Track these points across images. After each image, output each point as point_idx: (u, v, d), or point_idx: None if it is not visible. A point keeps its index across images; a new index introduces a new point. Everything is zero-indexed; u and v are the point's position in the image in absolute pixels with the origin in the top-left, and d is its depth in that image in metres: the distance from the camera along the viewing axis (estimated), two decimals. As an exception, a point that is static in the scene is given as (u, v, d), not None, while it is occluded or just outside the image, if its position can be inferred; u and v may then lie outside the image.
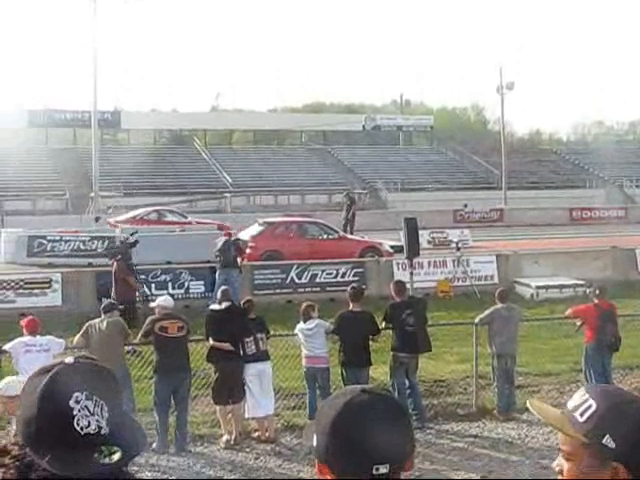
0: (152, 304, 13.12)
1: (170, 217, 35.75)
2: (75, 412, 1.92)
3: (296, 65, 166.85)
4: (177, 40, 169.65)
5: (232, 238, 22.31)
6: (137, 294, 19.01)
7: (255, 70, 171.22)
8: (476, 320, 13.81)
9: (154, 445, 11.61)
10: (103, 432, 1.95)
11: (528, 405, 2.37)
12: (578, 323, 13.99)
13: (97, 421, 1.94)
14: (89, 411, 1.93)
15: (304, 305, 13.15)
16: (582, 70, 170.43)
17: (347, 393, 2.18)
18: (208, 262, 22.25)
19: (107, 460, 1.93)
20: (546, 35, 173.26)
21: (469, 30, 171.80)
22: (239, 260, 22.03)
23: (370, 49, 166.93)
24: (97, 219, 36.88)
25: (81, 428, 1.92)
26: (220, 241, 21.86)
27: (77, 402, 1.93)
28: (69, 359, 2.04)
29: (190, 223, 34.55)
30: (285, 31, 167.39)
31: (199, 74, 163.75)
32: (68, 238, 28.40)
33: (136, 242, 20.44)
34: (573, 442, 2.21)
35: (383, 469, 2.08)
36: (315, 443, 2.14)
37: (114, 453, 1.94)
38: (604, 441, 2.15)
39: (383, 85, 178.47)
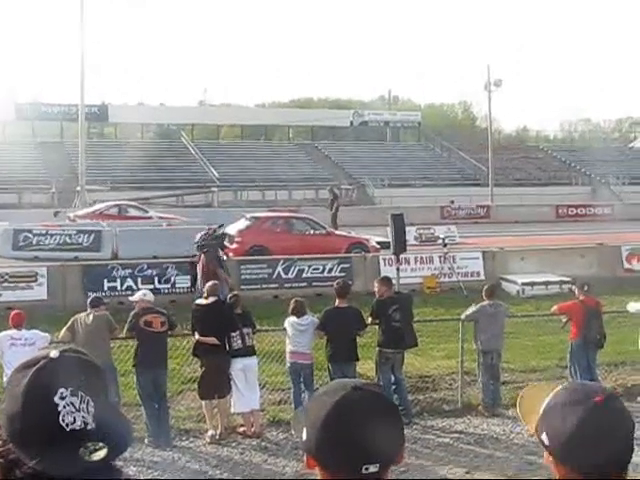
0: (131, 298, 13.10)
1: (132, 212, 35.26)
2: (60, 408, 1.90)
3: (284, 60, 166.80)
4: (165, 34, 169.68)
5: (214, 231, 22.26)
6: (227, 285, 18.88)
7: (243, 65, 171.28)
8: (462, 316, 13.81)
9: (146, 440, 11.61)
10: (89, 428, 1.92)
11: (517, 404, 2.39)
12: (564, 320, 14.04)
13: (83, 417, 1.92)
14: (75, 407, 1.91)
15: (296, 300, 13.12)
16: (569, 68, 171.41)
17: (339, 389, 2.15)
18: (194, 256, 22.20)
19: (93, 457, 1.90)
20: (534, 33, 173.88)
21: (458, 27, 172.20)
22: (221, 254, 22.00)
23: (358, 44, 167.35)
24: (56, 213, 36.68)
25: (66, 424, 1.89)
26: (200, 234, 21.86)
27: (62, 398, 1.90)
28: (54, 352, 2.01)
29: (151, 218, 34.31)
30: (273, 26, 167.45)
31: (187, 68, 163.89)
32: (54, 232, 28.28)
33: (224, 235, 20.53)
34: None
35: (373, 468, 2.06)
36: (305, 436, 2.13)
37: (100, 449, 1.91)
38: (542, 437, 2.24)
39: (371, 81, 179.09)
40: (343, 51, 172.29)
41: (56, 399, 1.90)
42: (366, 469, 2.05)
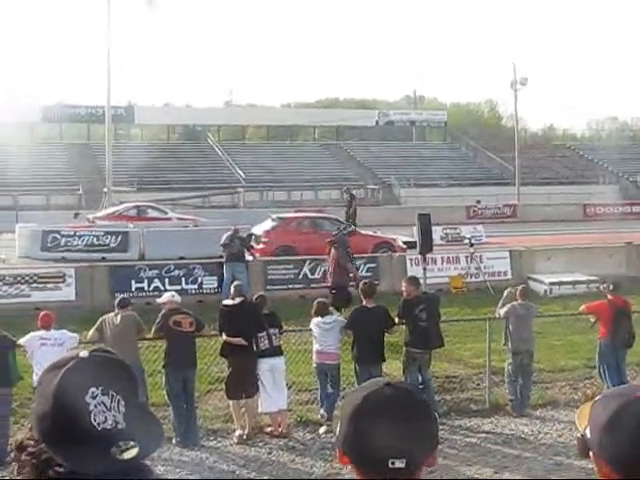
0: (159, 300, 13.16)
1: (151, 213, 35.41)
2: (91, 407, 1.91)
3: (309, 60, 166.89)
4: (191, 35, 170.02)
5: (237, 232, 22.40)
6: (351, 278, 19.25)
7: (268, 65, 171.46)
8: (500, 312, 13.69)
9: (174, 440, 11.68)
10: (120, 427, 1.93)
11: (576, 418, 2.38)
12: (592, 319, 13.95)
13: (114, 416, 1.93)
14: (106, 406, 1.92)
15: (318, 301, 13.14)
16: (596, 65, 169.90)
17: (372, 385, 2.19)
18: (221, 257, 22.28)
19: (124, 455, 1.92)
20: (560, 30, 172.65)
21: (483, 25, 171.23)
22: (246, 254, 22.15)
23: (384, 44, 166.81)
24: (76, 215, 36.89)
25: (98, 424, 1.91)
26: (225, 235, 21.98)
27: (93, 397, 1.92)
28: (84, 353, 2.02)
29: (170, 219, 34.44)
30: (300, 27, 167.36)
31: (213, 69, 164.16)
32: (82, 233, 28.47)
33: (352, 232, 21.05)
34: None
35: (399, 464, 2.07)
36: (337, 431, 2.16)
37: (131, 448, 1.93)
38: (586, 431, 2.21)
39: (396, 80, 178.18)
40: (368, 51, 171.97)
41: (87, 398, 1.91)
42: (392, 463, 2.06)
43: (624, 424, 2.15)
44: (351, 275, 19.39)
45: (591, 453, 2.25)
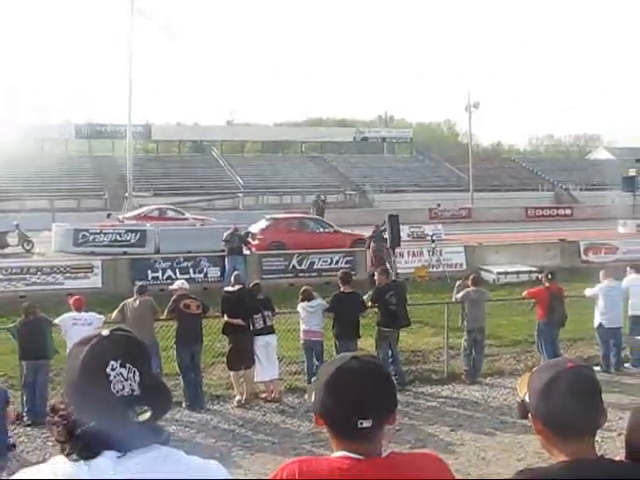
0: (171, 287, 13.15)
1: (170, 214, 35.46)
2: (111, 378, 1.92)
3: (298, 86, 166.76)
4: (199, 62, 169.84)
5: (237, 230, 22.44)
6: (387, 263, 19.32)
7: (263, 90, 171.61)
8: (457, 296, 13.76)
9: (184, 404, 11.66)
10: (136, 394, 1.94)
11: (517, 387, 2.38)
12: (532, 303, 14.00)
13: (130, 385, 1.94)
14: (123, 377, 1.93)
15: (304, 289, 13.12)
16: (536, 91, 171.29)
17: (341, 359, 2.22)
18: (223, 251, 22.23)
19: (140, 418, 1.93)
20: (508, 59, 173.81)
21: (444, 59, 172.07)
22: (244, 249, 22.16)
23: (360, 73, 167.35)
24: (108, 215, 36.84)
25: (117, 391, 1.92)
26: (227, 232, 22.04)
27: (113, 369, 1.92)
28: (105, 332, 2.03)
29: (187, 219, 34.38)
30: (290, 58, 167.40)
31: (217, 92, 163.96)
32: (107, 231, 28.38)
33: (384, 230, 21.01)
34: None
35: (366, 423, 2.09)
36: (313, 398, 2.17)
37: (146, 412, 1.93)
38: (525, 397, 2.25)
39: (370, 103, 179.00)
40: (347, 79, 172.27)
41: (108, 370, 1.92)
42: (360, 424, 2.07)
43: (556, 390, 2.16)
44: (388, 264, 19.31)
45: (529, 415, 2.25)
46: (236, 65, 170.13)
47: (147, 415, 1.93)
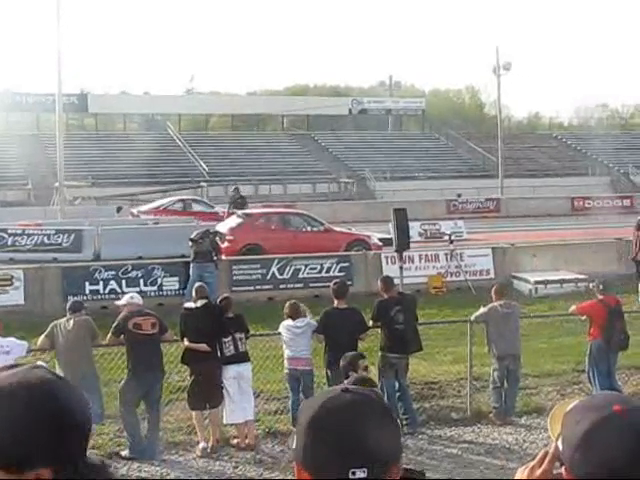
0: (118, 302, 13.08)
1: (196, 207, 35.92)
2: None
3: (277, 45, 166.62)
4: (150, 18, 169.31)
5: (209, 230, 22.33)
6: None
7: (233, 50, 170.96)
8: (472, 317, 13.77)
9: (124, 452, 11.64)
10: None
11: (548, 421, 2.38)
12: (583, 319, 13.95)
13: None
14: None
15: (291, 303, 13.11)
16: (584, 49, 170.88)
17: (328, 392, 2.17)
18: (183, 257, 22.19)
19: None
20: (545, 10, 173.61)
21: (463, 6, 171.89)
22: (214, 254, 22.03)
23: (357, 26, 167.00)
24: (119, 209, 37.11)
25: None
26: (197, 231, 21.88)
27: None
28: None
29: (217, 213, 34.57)
30: (266, 9, 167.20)
31: (173, 54, 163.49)
32: (31, 232, 28.24)
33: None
34: None
35: (360, 473, 2.04)
36: (294, 444, 2.15)
37: None
38: (559, 442, 2.20)
39: (371, 66, 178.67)
40: (341, 34, 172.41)
41: None
42: (353, 474, 2.06)
43: (597, 444, 2.13)
44: None
45: (563, 467, 2.25)
46: (197, 18, 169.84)
47: None
